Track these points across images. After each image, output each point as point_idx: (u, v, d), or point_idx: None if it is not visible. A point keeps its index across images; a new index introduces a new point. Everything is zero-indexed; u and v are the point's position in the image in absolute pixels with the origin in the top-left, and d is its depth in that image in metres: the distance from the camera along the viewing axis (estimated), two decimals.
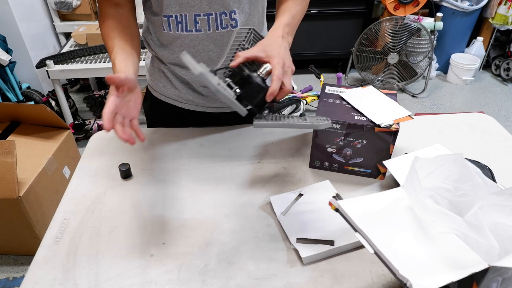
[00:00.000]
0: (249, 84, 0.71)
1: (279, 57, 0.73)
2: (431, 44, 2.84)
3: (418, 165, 0.64)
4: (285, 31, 0.80)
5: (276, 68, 0.71)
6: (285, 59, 0.74)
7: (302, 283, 0.67)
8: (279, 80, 0.70)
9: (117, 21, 0.88)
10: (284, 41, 0.78)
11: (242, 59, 0.73)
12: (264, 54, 0.74)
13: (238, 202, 0.83)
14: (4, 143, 1.49)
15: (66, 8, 2.71)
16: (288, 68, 0.74)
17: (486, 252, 0.55)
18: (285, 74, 0.73)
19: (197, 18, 0.87)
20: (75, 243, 0.74)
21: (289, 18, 0.83)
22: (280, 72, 0.71)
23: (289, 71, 0.74)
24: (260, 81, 0.71)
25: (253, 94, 0.71)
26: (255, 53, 0.74)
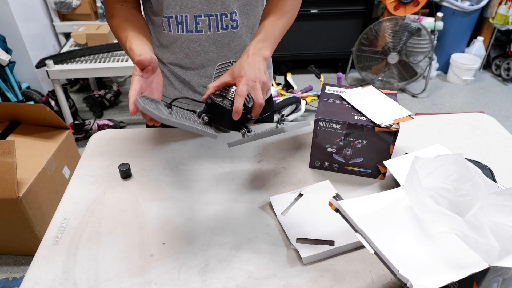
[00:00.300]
0: (214, 109, 0.73)
1: (243, 75, 0.72)
2: (431, 44, 2.84)
3: (418, 165, 0.64)
4: (257, 48, 0.79)
5: (239, 86, 0.72)
6: (250, 75, 0.73)
7: (302, 283, 0.67)
8: (240, 97, 0.70)
9: (126, 15, 0.88)
10: (254, 57, 0.77)
11: (211, 90, 0.74)
12: (231, 77, 0.74)
13: (238, 202, 0.83)
14: (3, 143, 1.49)
15: (66, 8, 2.71)
16: (254, 82, 0.72)
17: (486, 252, 0.55)
18: (252, 89, 0.72)
19: (198, 19, 0.87)
20: (75, 243, 0.74)
21: (263, 33, 0.82)
22: (242, 89, 0.71)
23: (255, 84, 0.73)
24: (225, 104, 0.72)
25: (220, 117, 0.73)
26: (222, 80, 0.75)
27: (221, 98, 0.74)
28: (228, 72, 0.76)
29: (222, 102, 0.73)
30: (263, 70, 0.76)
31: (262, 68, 0.76)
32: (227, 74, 0.75)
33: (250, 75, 0.73)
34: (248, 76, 0.72)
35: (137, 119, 2.75)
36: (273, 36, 0.83)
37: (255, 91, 0.73)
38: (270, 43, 0.82)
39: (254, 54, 0.77)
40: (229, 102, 0.74)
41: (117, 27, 0.87)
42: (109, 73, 2.41)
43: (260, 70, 0.75)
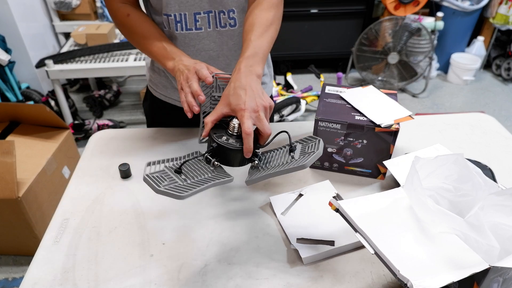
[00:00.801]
0: (222, 151, 0.68)
1: (243, 108, 0.67)
2: (431, 44, 2.84)
3: (419, 165, 0.64)
4: (248, 65, 0.74)
5: (244, 122, 0.66)
6: (250, 105, 0.67)
7: (302, 283, 0.67)
8: (249, 137, 0.65)
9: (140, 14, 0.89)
10: (247, 78, 0.71)
11: (210, 126, 0.70)
12: (228, 109, 0.70)
13: (238, 202, 0.83)
14: (3, 143, 1.49)
15: (65, 8, 2.71)
16: (257, 112, 0.68)
17: (486, 253, 0.54)
18: (257, 120, 0.67)
19: (197, 16, 0.87)
20: (75, 243, 0.74)
21: (251, 49, 0.77)
22: (247, 125, 0.66)
23: (259, 114, 0.68)
24: (231, 143, 0.68)
25: (230, 158, 0.69)
26: (220, 112, 0.70)
27: (224, 136, 0.69)
28: (223, 103, 0.70)
29: (228, 142, 0.68)
30: (261, 91, 0.71)
31: (259, 89, 0.71)
32: (223, 105, 0.70)
33: (251, 105, 0.68)
34: (250, 107, 0.67)
35: (137, 119, 2.75)
36: (262, 51, 0.78)
37: (261, 121, 0.68)
38: (260, 58, 0.77)
39: (246, 74, 0.72)
40: (233, 138, 0.69)
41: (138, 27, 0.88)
42: (109, 73, 2.41)
43: (258, 94, 0.70)
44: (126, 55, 2.39)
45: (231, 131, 0.69)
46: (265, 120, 0.69)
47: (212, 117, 0.70)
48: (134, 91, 3.07)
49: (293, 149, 0.70)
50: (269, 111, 0.71)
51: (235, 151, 0.67)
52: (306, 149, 0.69)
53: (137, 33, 0.88)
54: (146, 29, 0.87)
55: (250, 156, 0.67)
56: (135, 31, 0.88)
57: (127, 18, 0.88)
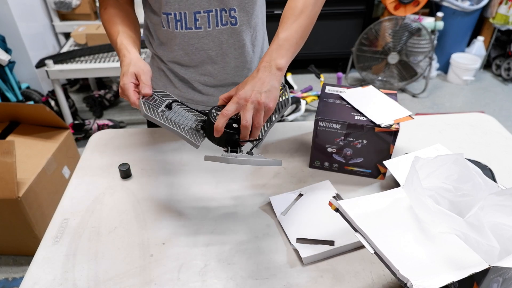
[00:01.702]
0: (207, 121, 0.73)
1: (237, 94, 0.70)
2: (431, 44, 2.84)
3: (419, 165, 0.64)
4: (271, 58, 0.74)
5: (228, 104, 0.69)
6: (244, 94, 0.69)
7: (302, 283, 0.67)
8: (222, 117, 0.68)
9: (118, 9, 0.90)
10: (264, 71, 0.72)
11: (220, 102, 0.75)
12: (235, 91, 0.73)
13: (238, 202, 0.83)
14: (3, 143, 1.49)
15: (65, 8, 2.71)
16: (246, 102, 0.68)
17: (486, 253, 0.54)
18: (242, 108, 0.69)
19: (197, 15, 0.87)
20: (75, 243, 0.74)
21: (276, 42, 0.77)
22: (228, 108, 0.68)
23: (247, 105, 0.68)
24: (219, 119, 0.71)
25: (208, 129, 0.73)
26: (229, 93, 0.75)
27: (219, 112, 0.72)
28: (238, 86, 0.74)
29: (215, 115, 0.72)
30: (266, 89, 0.71)
31: (266, 86, 0.71)
32: (235, 88, 0.74)
33: (244, 94, 0.69)
34: (241, 95, 0.69)
35: (137, 119, 2.75)
36: (288, 43, 0.77)
37: (244, 111, 0.68)
38: (286, 50, 0.76)
39: (265, 68, 0.73)
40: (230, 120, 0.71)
41: (108, 21, 0.89)
42: (109, 73, 2.41)
43: (260, 90, 0.70)
44: None
45: None
46: (249, 113, 0.68)
47: (224, 95, 0.75)
48: None
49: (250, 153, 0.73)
50: (263, 109, 0.70)
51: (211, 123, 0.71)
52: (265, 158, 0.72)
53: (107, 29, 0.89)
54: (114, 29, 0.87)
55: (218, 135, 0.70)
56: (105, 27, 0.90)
57: (103, 12, 0.90)
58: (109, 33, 0.88)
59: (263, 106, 0.69)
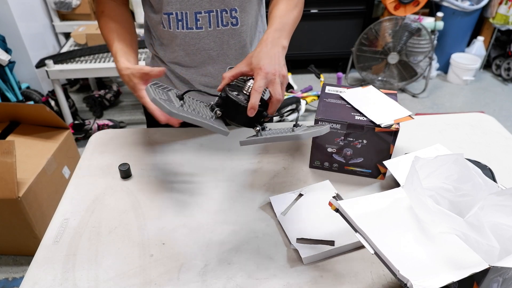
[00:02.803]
0: (229, 104, 0.69)
1: (261, 67, 0.69)
2: (431, 44, 2.84)
3: (419, 165, 0.64)
4: (276, 36, 0.76)
5: (256, 80, 0.68)
6: (269, 68, 0.69)
7: (302, 283, 0.67)
8: (257, 93, 0.67)
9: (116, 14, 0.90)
10: (273, 47, 0.74)
11: (227, 81, 0.72)
12: (248, 67, 0.71)
13: (238, 202, 0.83)
14: (3, 143, 1.49)
15: (65, 8, 2.71)
16: (274, 76, 0.69)
17: (486, 253, 0.54)
18: (270, 83, 0.69)
19: (198, 15, 0.87)
20: (75, 243, 0.74)
21: (278, 23, 0.80)
22: (259, 83, 0.67)
23: (275, 78, 0.69)
24: (240, 99, 0.69)
25: (234, 113, 0.69)
26: (239, 69, 0.72)
27: (236, 92, 0.70)
28: (245, 61, 0.72)
29: (237, 96, 0.69)
30: (283, 62, 0.73)
31: (282, 60, 0.73)
32: (244, 64, 0.72)
33: (270, 68, 0.69)
34: (267, 69, 0.69)
35: (137, 119, 2.75)
36: (288, 26, 0.81)
37: (274, 85, 0.69)
38: (287, 33, 0.80)
39: (273, 44, 0.74)
40: (245, 96, 0.69)
41: (105, 26, 0.88)
42: (109, 73, 2.41)
43: (279, 63, 0.71)
44: None
45: (245, 91, 0.70)
46: (279, 86, 0.70)
47: (230, 73, 0.72)
48: None
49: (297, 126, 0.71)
50: (285, 84, 0.72)
51: (240, 106, 0.68)
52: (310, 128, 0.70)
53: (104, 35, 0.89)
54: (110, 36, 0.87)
55: (252, 114, 0.67)
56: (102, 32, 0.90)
57: (100, 16, 0.90)
58: (106, 39, 0.88)
59: (286, 79, 0.72)
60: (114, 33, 0.86)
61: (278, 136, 0.66)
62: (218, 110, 0.70)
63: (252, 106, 0.67)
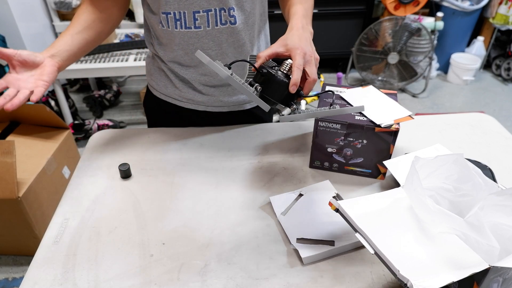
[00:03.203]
0: (269, 80, 0.71)
1: (299, 48, 0.72)
2: (431, 44, 2.84)
3: (419, 165, 0.64)
4: (304, 22, 0.80)
5: (296, 58, 0.71)
6: (306, 48, 0.73)
7: (302, 283, 0.67)
8: (299, 70, 0.70)
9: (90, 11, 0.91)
10: (304, 32, 0.78)
11: (263, 59, 0.74)
12: (284, 48, 0.74)
13: (238, 202, 0.83)
14: (3, 143, 1.49)
15: (65, 8, 2.71)
16: (310, 57, 0.73)
17: (486, 253, 0.54)
18: (307, 63, 0.72)
19: (196, 15, 0.87)
20: (75, 243, 0.74)
21: (303, 10, 0.84)
22: (300, 62, 0.71)
23: (312, 60, 0.73)
24: (280, 76, 0.71)
25: (275, 89, 0.72)
26: (275, 50, 0.75)
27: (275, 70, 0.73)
28: (280, 43, 0.75)
29: (278, 74, 0.72)
30: (313, 47, 0.76)
31: (312, 45, 0.76)
32: (279, 45, 0.75)
33: (308, 49, 0.73)
34: (305, 50, 0.72)
35: (137, 119, 2.75)
36: (311, 13, 0.86)
37: (311, 66, 0.72)
38: (310, 19, 0.84)
39: (303, 29, 0.78)
40: (282, 74, 0.72)
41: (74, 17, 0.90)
42: (109, 73, 2.41)
43: (313, 47, 0.75)
44: (126, 55, 2.39)
45: (282, 69, 0.73)
46: (315, 67, 0.73)
47: (266, 53, 0.74)
48: (134, 91, 3.07)
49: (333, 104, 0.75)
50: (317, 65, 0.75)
51: (281, 84, 0.71)
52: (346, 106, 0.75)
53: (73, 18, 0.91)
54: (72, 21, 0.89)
55: (295, 90, 0.70)
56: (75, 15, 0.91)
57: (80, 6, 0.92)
58: None
59: (317, 62, 0.75)
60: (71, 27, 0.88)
61: (318, 112, 0.71)
62: (259, 85, 0.72)
63: (294, 82, 0.69)
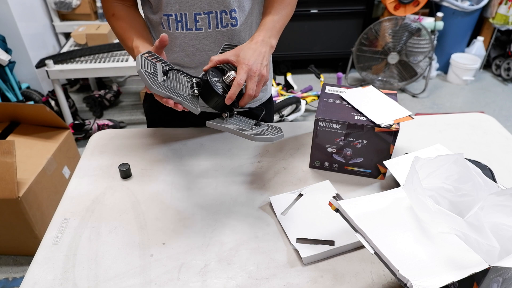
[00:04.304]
0: (206, 87, 0.75)
1: (246, 63, 0.75)
2: (431, 44, 2.84)
3: (419, 165, 0.64)
4: (267, 35, 0.82)
5: (240, 73, 0.74)
6: (254, 65, 0.75)
7: (302, 283, 0.67)
8: (237, 86, 0.73)
9: (128, 14, 0.91)
10: (262, 46, 0.79)
11: (213, 64, 0.77)
12: (235, 58, 0.77)
13: (238, 202, 0.83)
14: (3, 143, 1.49)
15: (65, 8, 2.71)
16: (254, 74, 0.75)
17: (486, 253, 0.54)
18: (249, 79, 0.75)
19: (197, 17, 0.87)
20: (75, 243, 0.74)
21: (271, 22, 0.85)
22: (241, 77, 0.73)
23: (254, 76, 0.75)
24: (219, 86, 0.75)
25: (209, 97, 0.76)
26: (226, 57, 0.77)
27: (217, 77, 0.76)
28: (234, 52, 0.78)
29: (216, 83, 0.75)
30: (266, 63, 0.78)
31: (265, 61, 0.78)
32: (232, 53, 0.77)
33: (254, 66, 0.75)
34: (251, 66, 0.75)
35: (137, 119, 2.75)
36: (279, 25, 0.86)
37: (252, 82, 0.75)
38: (277, 32, 0.85)
39: (262, 43, 0.80)
40: (223, 85, 0.76)
41: (120, 27, 0.89)
42: (109, 73, 2.41)
43: (263, 64, 0.77)
44: (126, 55, 2.39)
45: (225, 79, 0.77)
46: (255, 84, 0.75)
47: (218, 58, 0.77)
48: (134, 91, 3.07)
49: (258, 125, 0.80)
50: (262, 83, 0.78)
51: (217, 95, 0.75)
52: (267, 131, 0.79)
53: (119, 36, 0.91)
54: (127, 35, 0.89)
55: (229, 103, 0.74)
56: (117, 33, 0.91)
57: (111, 18, 0.91)
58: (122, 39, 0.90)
59: (264, 79, 0.77)
60: (130, 31, 0.88)
61: (236, 130, 0.74)
62: (196, 90, 0.76)
63: (230, 96, 0.73)
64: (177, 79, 0.77)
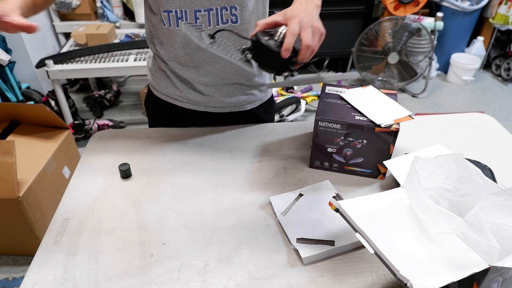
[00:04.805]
0: (259, 47, 0.71)
1: (297, 16, 0.71)
2: (431, 44, 2.84)
3: (419, 165, 0.64)
4: None
5: (290, 25, 0.70)
6: (304, 18, 0.71)
7: (302, 283, 0.67)
8: (291, 36, 0.69)
9: None
10: (308, 4, 0.75)
11: (260, 27, 0.73)
12: (282, 17, 0.73)
13: (238, 202, 0.83)
14: (3, 143, 1.49)
15: (66, 8, 2.71)
16: (307, 25, 0.71)
17: (486, 253, 0.55)
18: (303, 30, 0.70)
19: (198, 14, 0.87)
20: (75, 243, 0.74)
21: None
22: (294, 28, 0.69)
23: (307, 26, 0.71)
24: (271, 43, 0.71)
25: (264, 56, 0.72)
26: (273, 19, 0.74)
27: (268, 37, 0.72)
28: (279, 13, 0.74)
29: (268, 41, 0.71)
30: (316, 17, 0.74)
31: (315, 15, 0.75)
32: (279, 14, 0.74)
33: (304, 18, 0.71)
34: (302, 17, 0.71)
35: (137, 119, 2.75)
36: None
37: (306, 32, 0.70)
38: None
39: (307, 1, 0.76)
40: (276, 43, 0.71)
41: None
42: (109, 73, 2.41)
43: (313, 17, 0.73)
44: (126, 55, 2.39)
45: (276, 37, 0.72)
46: (310, 34, 0.71)
47: (264, 21, 0.74)
48: (134, 91, 3.07)
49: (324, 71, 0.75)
50: (319, 36, 0.73)
51: (272, 52, 0.70)
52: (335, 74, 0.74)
53: None
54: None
55: (287, 56, 0.69)
56: None
57: None
58: None
59: (318, 31, 0.73)
60: None
61: (302, 78, 0.70)
62: (249, 53, 0.72)
63: (286, 47, 0.69)
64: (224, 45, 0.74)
